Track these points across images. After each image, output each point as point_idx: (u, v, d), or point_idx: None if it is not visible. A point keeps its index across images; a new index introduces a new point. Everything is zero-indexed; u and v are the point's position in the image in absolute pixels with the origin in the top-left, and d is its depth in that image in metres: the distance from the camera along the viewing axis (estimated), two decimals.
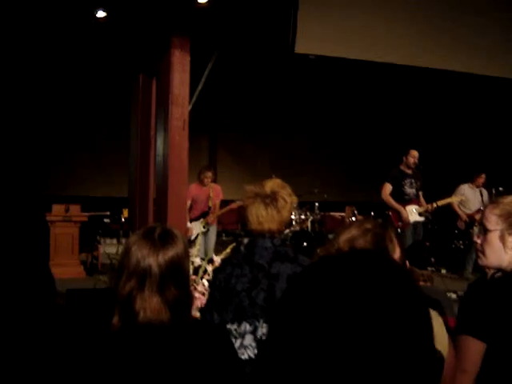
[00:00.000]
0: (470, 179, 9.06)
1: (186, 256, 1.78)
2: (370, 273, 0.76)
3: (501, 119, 12.07)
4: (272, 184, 2.59)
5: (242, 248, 2.55)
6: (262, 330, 2.36)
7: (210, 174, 8.38)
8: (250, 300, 2.39)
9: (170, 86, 5.61)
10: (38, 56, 9.79)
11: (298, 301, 0.76)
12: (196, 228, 8.03)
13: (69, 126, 11.93)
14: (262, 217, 2.51)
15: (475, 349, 1.90)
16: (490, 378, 1.90)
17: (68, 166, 12.06)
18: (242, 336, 2.36)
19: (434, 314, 1.61)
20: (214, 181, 8.76)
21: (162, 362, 1.60)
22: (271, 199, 2.52)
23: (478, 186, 8.97)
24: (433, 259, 9.16)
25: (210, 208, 8.29)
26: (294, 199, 2.63)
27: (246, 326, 2.40)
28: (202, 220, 8.17)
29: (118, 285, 1.70)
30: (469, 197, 8.86)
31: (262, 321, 2.37)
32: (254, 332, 2.37)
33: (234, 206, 8.46)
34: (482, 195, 8.87)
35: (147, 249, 1.70)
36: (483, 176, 9.04)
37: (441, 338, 1.76)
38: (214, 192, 8.31)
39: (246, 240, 2.63)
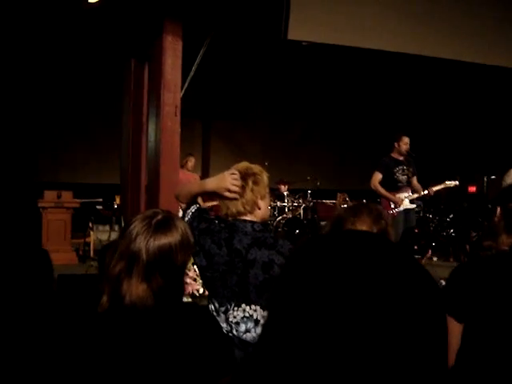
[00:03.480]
0: None
1: (181, 248, 1.74)
2: (374, 252, 0.74)
3: (492, 106, 12.10)
4: (236, 166, 2.55)
5: (223, 226, 2.51)
6: (234, 313, 2.36)
7: (193, 159, 8.67)
8: (222, 282, 2.38)
9: (162, 71, 5.59)
10: (29, 41, 9.72)
11: (297, 280, 0.74)
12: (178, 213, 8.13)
13: (61, 113, 11.85)
14: (230, 199, 2.48)
15: (453, 329, 1.95)
16: (469, 356, 1.94)
17: (60, 153, 11.99)
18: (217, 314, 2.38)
19: None
20: (207, 168, 8.83)
21: (145, 343, 1.61)
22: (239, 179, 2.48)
23: None
24: (429, 252, 9.17)
25: None
26: (260, 179, 2.50)
27: (215, 305, 2.41)
28: (184, 206, 8.25)
29: (110, 263, 1.70)
30: None
31: (233, 304, 2.36)
32: (225, 313, 2.38)
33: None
34: None
35: (141, 232, 1.70)
36: None
37: None
38: (196, 181, 8.45)
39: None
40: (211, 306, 2.43)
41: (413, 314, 0.69)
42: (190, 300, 4.91)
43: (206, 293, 2.64)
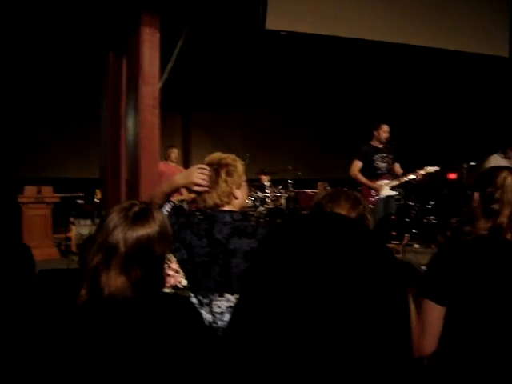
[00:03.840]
0: (501, 149, 7.93)
1: (159, 239, 1.73)
2: (341, 232, 0.75)
3: (472, 94, 12.19)
4: (210, 157, 2.56)
5: (202, 218, 2.52)
6: (218, 303, 2.37)
7: (176, 150, 8.67)
8: (204, 273, 2.39)
9: (140, 64, 5.56)
10: (5, 36, 9.59)
11: (268, 262, 0.75)
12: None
13: (40, 108, 11.73)
14: (206, 191, 2.50)
15: (435, 312, 1.99)
16: (451, 339, 1.98)
17: (39, 148, 11.87)
18: (199, 309, 2.37)
19: None
20: (188, 160, 8.84)
21: (125, 335, 1.61)
22: (211, 172, 2.49)
23: (509, 158, 7.82)
24: (406, 239, 9.24)
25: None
26: (233, 170, 2.50)
27: (199, 298, 2.42)
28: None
29: (88, 256, 1.70)
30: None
31: (216, 295, 2.37)
32: (209, 304, 2.39)
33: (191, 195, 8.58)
34: None
35: (118, 224, 1.69)
36: None
37: None
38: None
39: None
40: (194, 300, 2.43)
41: (372, 295, 0.71)
42: (172, 291, 4.91)
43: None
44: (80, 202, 10.16)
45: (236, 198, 2.51)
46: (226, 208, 2.49)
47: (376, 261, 0.74)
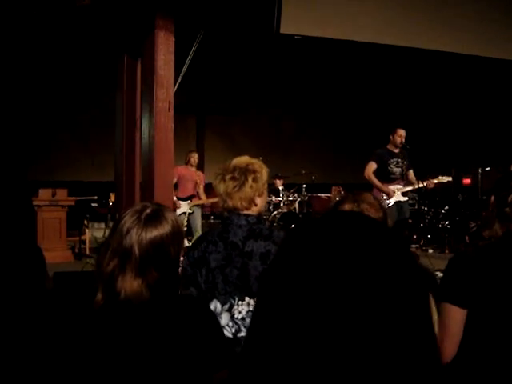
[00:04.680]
0: None
1: (172, 239, 1.74)
2: (365, 234, 0.73)
3: (487, 98, 12.11)
4: (236, 160, 2.54)
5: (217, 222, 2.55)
6: (239, 308, 2.36)
7: (196, 155, 8.82)
8: (223, 277, 2.38)
9: (154, 67, 5.57)
10: (21, 40, 9.67)
11: (288, 264, 0.73)
12: (183, 207, 8.33)
13: (55, 111, 11.82)
14: (221, 193, 2.49)
15: (456, 315, 1.97)
16: (473, 341, 1.97)
17: (54, 151, 11.96)
18: (219, 316, 2.34)
19: None
20: (202, 163, 8.94)
21: (142, 338, 1.61)
22: (230, 174, 2.48)
23: None
24: (422, 241, 9.22)
25: (197, 193, 8.77)
26: (259, 176, 2.50)
27: (217, 304, 2.39)
28: (189, 202, 8.46)
29: (103, 261, 1.70)
30: None
31: (236, 299, 2.36)
32: (230, 310, 2.37)
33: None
34: None
35: (131, 227, 1.69)
36: None
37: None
38: (199, 178, 8.77)
39: None
40: (212, 306, 2.39)
41: (397, 300, 0.69)
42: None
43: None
44: (94, 205, 10.22)
45: (255, 205, 2.51)
46: (244, 212, 2.49)
47: (400, 264, 0.72)
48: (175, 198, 8.26)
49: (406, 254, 0.74)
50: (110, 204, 10.12)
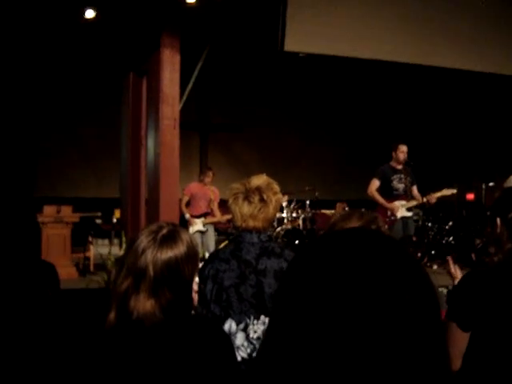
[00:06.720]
0: None
1: (187, 260, 1.73)
2: (376, 250, 0.73)
3: (489, 113, 12.14)
4: (256, 180, 2.52)
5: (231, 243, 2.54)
6: (254, 327, 2.34)
7: (211, 173, 8.65)
8: (237, 295, 2.36)
9: (160, 84, 5.62)
10: (27, 55, 9.75)
11: (301, 283, 0.73)
12: (197, 225, 8.28)
13: (60, 127, 11.87)
14: (245, 214, 2.46)
15: (459, 335, 1.98)
16: (474, 361, 1.97)
17: (59, 167, 11.99)
18: (234, 335, 2.32)
19: None
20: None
21: (155, 359, 1.60)
22: (255, 196, 2.46)
23: None
24: (426, 259, 9.19)
25: (211, 210, 8.64)
26: (280, 196, 2.53)
27: (232, 324, 2.35)
28: (202, 219, 8.41)
29: (117, 280, 1.70)
30: None
31: (252, 317, 2.34)
32: (245, 330, 2.34)
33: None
34: None
35: (147, 247, 1.69)
36: None
37: None
38: (214, 195, 8.59)
39: None
40: (226, 326, 2.35)
41: (411, 313, 0.70)
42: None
43: None
44: (98, 221, 10.22)
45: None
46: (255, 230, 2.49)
47: (413, 279, 0.73)
48: (188, 216, 8.28)
49: (422, 271, 0.75)
50: (114, 220, 10.12)
